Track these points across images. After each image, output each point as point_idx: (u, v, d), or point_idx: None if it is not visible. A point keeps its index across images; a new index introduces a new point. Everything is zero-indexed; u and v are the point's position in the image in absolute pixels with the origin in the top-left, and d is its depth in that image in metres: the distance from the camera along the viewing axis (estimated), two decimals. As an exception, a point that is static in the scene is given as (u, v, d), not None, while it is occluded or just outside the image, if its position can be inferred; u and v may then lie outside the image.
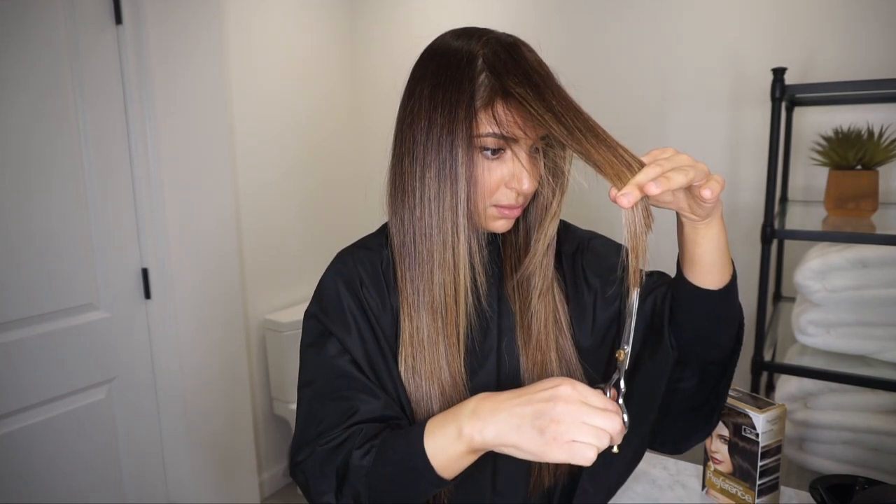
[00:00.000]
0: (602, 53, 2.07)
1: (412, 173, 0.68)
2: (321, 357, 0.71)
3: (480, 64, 0.65)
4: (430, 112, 0.66)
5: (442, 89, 0.66)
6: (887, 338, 1.37)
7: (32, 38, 1.43)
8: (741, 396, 0.95)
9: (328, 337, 0.72)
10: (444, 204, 0.66)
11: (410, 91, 0.70)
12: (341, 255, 0.77)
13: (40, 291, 1.48)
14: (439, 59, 0.68)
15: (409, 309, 0.70)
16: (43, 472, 1.51)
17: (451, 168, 0.65)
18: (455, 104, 0.65)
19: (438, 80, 0.66)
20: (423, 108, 0.67)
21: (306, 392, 0.72)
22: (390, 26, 2.54)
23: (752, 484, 0.91)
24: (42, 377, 1.50)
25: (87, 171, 1.57)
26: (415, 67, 0.72)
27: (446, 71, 0.66)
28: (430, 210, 0.67)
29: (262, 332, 2.30)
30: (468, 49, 0.67)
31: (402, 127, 0.70)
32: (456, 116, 0.65)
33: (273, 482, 2.39)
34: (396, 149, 0.71)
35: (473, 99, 0.65)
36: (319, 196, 2.55)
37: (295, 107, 2.40)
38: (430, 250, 0.68)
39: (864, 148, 1.40)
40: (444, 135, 0.65)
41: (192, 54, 1.77)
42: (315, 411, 0.69)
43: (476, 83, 0.65)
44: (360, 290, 0.72)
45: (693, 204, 0.60)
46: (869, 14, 1.66)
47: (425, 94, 0.67)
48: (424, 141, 0.66)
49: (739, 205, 1.91)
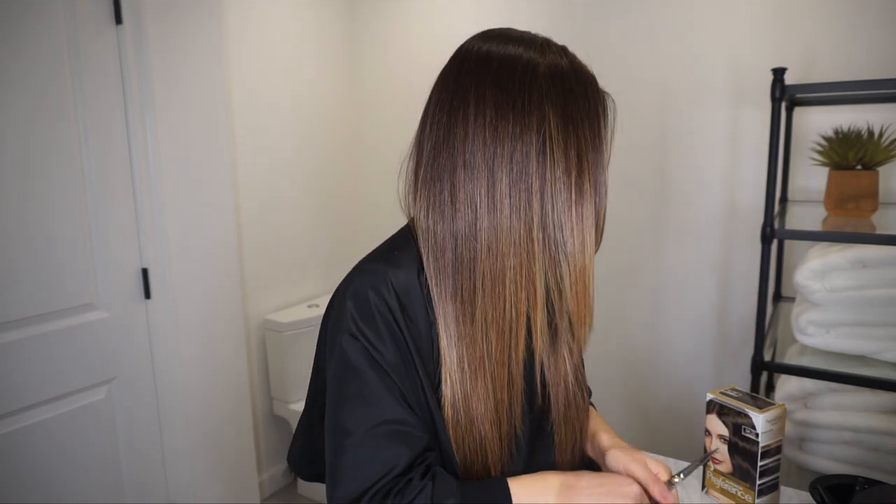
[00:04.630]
0: (602, 54, 2.07)
1: (473, 180, 0.64)
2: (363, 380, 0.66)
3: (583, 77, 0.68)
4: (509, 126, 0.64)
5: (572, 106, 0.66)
6: (887, 338, 1.37)
7: (32, 38, 1.43)
8: (741, 396, 0.95)
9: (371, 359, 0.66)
10: (527, 213, 0.64)
11: (462, 96, 0.66)
12: (371, 272, 0.68)
13: (40, 291, 1.48)
14: (503, 61, 0.67)
15: (462, 328, 0.66)
16: (43, 472, 1.51)
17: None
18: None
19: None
20: (489, 120, 0.64)
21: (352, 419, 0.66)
22: (390, 25, 2.54)
23: (751, 484, 0.91)
24: (42, 377, 1.50)
25: (87, 171, 1.57)
26: (464, 72, 0.67)
27: (524, 73, 0.65)
28: (506, 222, 0.64)
29: (262, 332, 2.30)
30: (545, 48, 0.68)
31: (451, 131, 0.66)
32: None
33: (273, 482, 2.39)
34: (440, 155, 0.66)
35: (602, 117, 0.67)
36: (320, 195, 2.55)
37: (295, 106, 2.40)
38: (503, 264, 0.64)
39: (864, 148, 1.40)
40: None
41: (192, 54, 1.77)
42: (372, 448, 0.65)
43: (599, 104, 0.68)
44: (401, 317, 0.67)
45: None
46: (869, 14, 1.66)
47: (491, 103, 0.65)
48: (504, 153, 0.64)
49: (739, 205, 1.91)
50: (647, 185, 2.05)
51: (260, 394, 2.31)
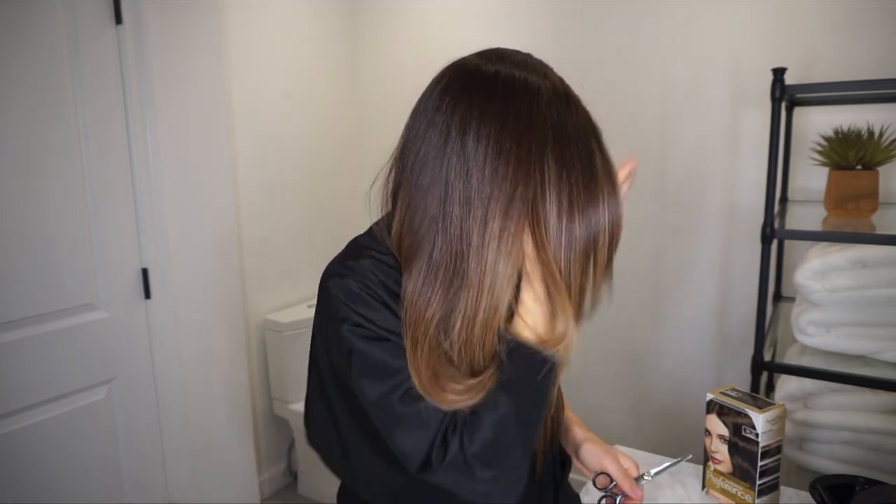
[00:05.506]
0: (602, 54, 2.07)
1: (460, 208, 0.62)
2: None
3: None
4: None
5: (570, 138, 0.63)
6: (887, 338, 1.37)
7: (32, 38, 1.43)
8: (741, 396, 0.95)
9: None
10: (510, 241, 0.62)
11: (462, 122, 0.63)
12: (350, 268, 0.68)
13: (40, 291, 1.48)
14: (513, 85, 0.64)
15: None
16: (43, 472, 1.51)
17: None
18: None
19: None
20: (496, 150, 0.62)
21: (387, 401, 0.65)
22: (390, 25, 2.54)
23: (752, 484, 0.91)
24: (42, 377, 1.49)
25: (87, 171, 1.56)
26: (465, 91, 0.65)
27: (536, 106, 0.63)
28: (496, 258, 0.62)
29: (262, 332, 2.30)
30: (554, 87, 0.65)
31: (444, 154, 0.63)
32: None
33: (273, 482, 2.39)
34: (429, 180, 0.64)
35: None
36: (320, 196, 2.55)
37: (296, 106, 2.40)
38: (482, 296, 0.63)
39: (864, 148, 1.40)
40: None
41: (193, 54, 1.77)
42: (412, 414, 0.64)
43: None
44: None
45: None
46: (869, 14, 1.66)
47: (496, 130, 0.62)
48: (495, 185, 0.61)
49: (739, 205, 1.91)
50: (647, 185, 2.05)
51: (260, 394, 2.31)
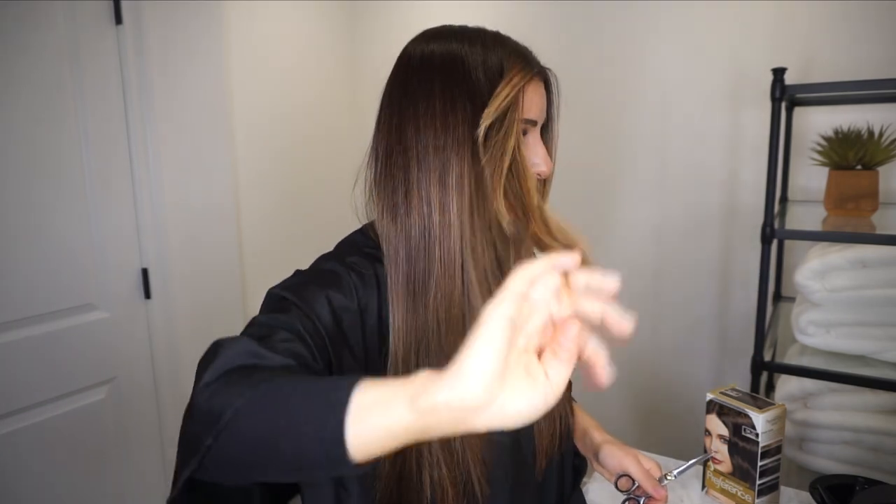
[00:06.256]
0: (602, 54, 2.07)
1: (425, 180, 0.64)
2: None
3: (502, 50, 0.66)
4: (452, 112, 0.63)
5: (465, 82, 0.64)
6: (887, 338, 1.37)
7: (32, 39, 1.43)
8: (741, 396, 0.95)
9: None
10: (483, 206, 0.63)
11: (411, 96, 0.66)
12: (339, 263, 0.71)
13: (40, 291, 1.48)
14: (445, 56, 0.66)
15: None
16: (43, 472, 1.51)
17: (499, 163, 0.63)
18: (482, 96, 0.63)
19: (451, 78, 0.64)
20: (437, 111, 0.64)
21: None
22: (390, 25, 2.54)
23: (751, 484, 0.91)
24: (42, 377, 1.49)
25: (87, 171, 1.56)
26: (410, 74, 0.68)
27: (463, 64, 0.65)
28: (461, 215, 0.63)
29: (262, 332, 2.30)
30: (479, 38, 0.67)
31: (403, 133, 0.66)
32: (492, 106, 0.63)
33: (273, 482, 2.38)
34: (398, 158, 0.66)
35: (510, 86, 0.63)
36: (320, 196, 2.55)
37: (296, 107, 2.39)
38: (454, 254, 0.64)
39: (864, 148, 1.40)
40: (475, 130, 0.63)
41: (193, 54, 1.77)
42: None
43: (506, 68, 0.64)
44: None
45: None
46: (869, 14, 1.66)
47: (437, 95, 0.64)
48: (441, 143, 0.63)
49: (739, 205, 1.91)
50: (647, 185, 2.05)
51: (260, 394, 2.31)
